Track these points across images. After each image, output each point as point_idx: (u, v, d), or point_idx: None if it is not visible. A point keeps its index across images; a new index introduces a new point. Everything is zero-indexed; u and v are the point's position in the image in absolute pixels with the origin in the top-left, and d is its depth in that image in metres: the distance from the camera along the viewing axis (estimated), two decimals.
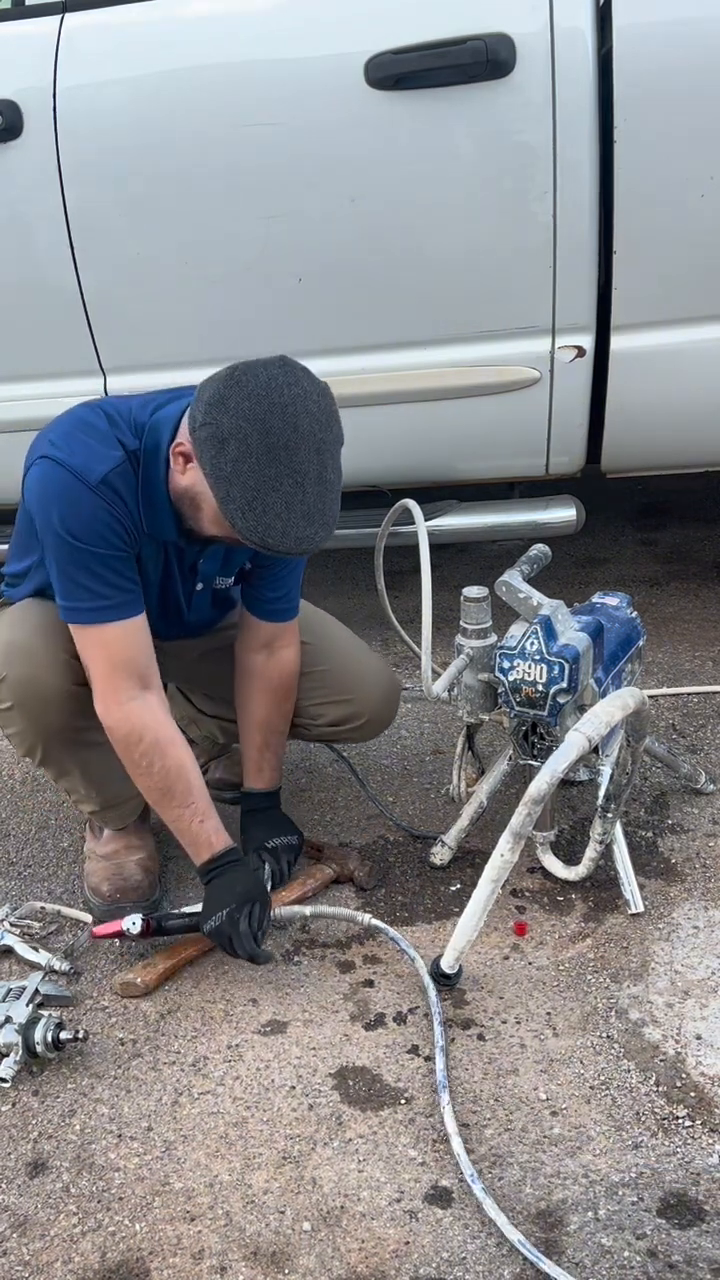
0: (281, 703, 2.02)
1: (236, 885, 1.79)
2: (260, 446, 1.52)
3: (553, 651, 1.77)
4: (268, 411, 1.52)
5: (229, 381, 1.55)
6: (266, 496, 1.53)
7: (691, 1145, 1.49)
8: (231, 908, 1.76)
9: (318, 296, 2.33)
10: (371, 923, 1.88)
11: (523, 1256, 1.36)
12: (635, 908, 1.89)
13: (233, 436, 1.52)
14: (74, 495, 1.67)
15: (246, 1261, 1.40)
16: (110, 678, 1.75)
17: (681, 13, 2.11)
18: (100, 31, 2.29)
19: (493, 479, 2.63)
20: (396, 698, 2.12)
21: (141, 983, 1.82)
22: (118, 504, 1.69)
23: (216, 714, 2.25)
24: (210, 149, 2.25)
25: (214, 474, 1.55)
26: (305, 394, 1.56)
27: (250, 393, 1.53)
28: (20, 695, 1.83)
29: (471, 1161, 1.48)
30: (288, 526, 1.55)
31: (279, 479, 1.53)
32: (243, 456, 1.52)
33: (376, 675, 2.09)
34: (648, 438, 2.47)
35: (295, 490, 1.54)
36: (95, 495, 1.67)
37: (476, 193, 2.22)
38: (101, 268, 2.36)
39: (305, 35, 2.21)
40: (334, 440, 1.60)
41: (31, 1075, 1.69)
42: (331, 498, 1.59)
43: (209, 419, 1.54)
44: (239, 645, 2.02)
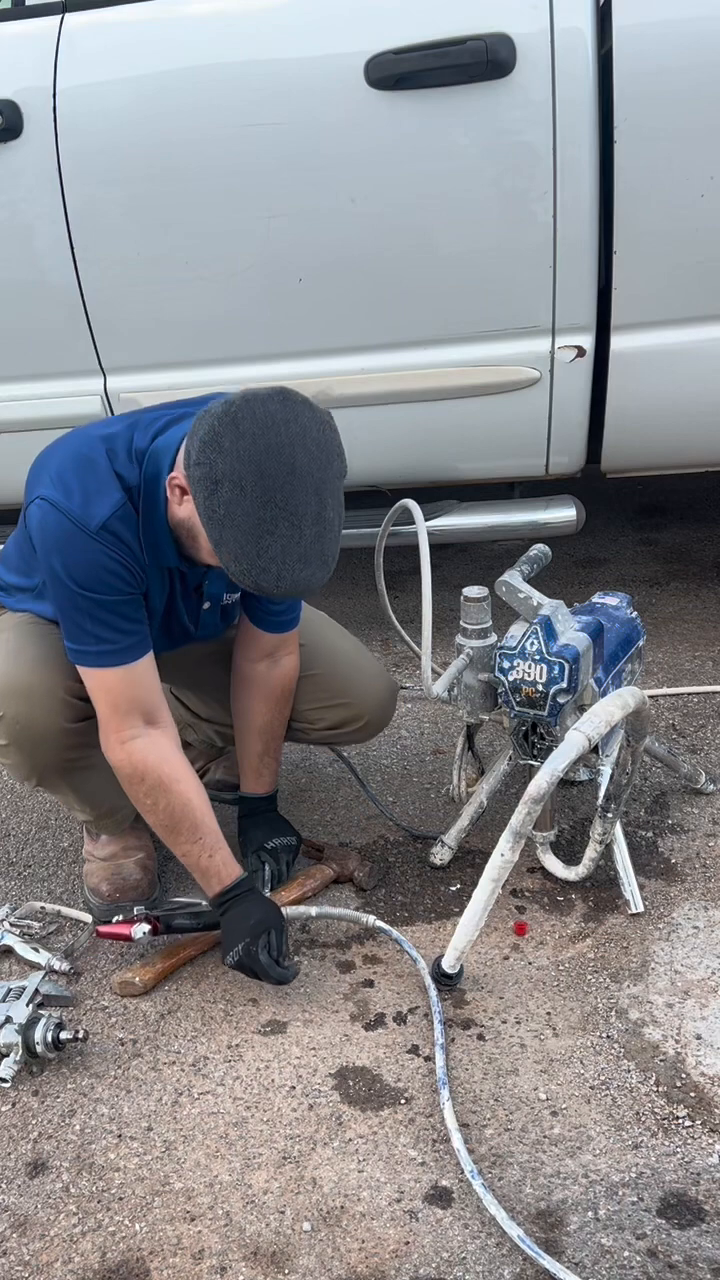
0: (282, 709, 2.02)
1: (250, 916, 1.77)
2: (255, 490, 1.47)
3: (553, 651, 1.77)
4: (263, 453, 1.48)
5: (224, 419, 1.49)
6: (261, 541, 1.48)
7: (691, 1145, 1.49)
8: (247, 941, 1.74)
9: (318, 296, 2.33)
10: (375, 924, 1.88)
11: (523, 1256, 1.36)
12: (635, 908, 1.89)
13: (226, 479, 1.47)
14: (76, 543, 1.64)
15: (246, 1261, 1.40)
16: (114, 718, 1.74)
17: (681, 13, 2.11)
18: (100, 31, 2.29)
19: (493, 479, 2.63)
20: (394, 699, 2.12)
21: (140, 982, 1.82)
22: (120, 548, 1.65)
23: (212, 718, 2.25)
24: (210, 149, 2.25)
25: (207, 516, 1.51)
26: (304, 431, 1.51)
27: (245, 432, 1.48)
28: (16, 734, 1.81)
29: (472, 1161, 1.48)
30: (283, 570, 1.51)
31: (275, 522, 1.48)
32: (236, 500, 1.47)
33: (374, 677, 2.08)
34: (648, 438, 2.47)
35: (292, 533, 1.49)
36: (97, 542, 1.63)
37: (477, 193, 2.22)
38: (101, 268, 2.36)
39: (305, 35, 2.21)
40: (334, 476, 1.55)
41: (31, 1075, 1.69)
42: (330, 537, 1.54)
43: (202, 459, 1.49)
44: (239, 655, 2.01)
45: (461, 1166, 1.47)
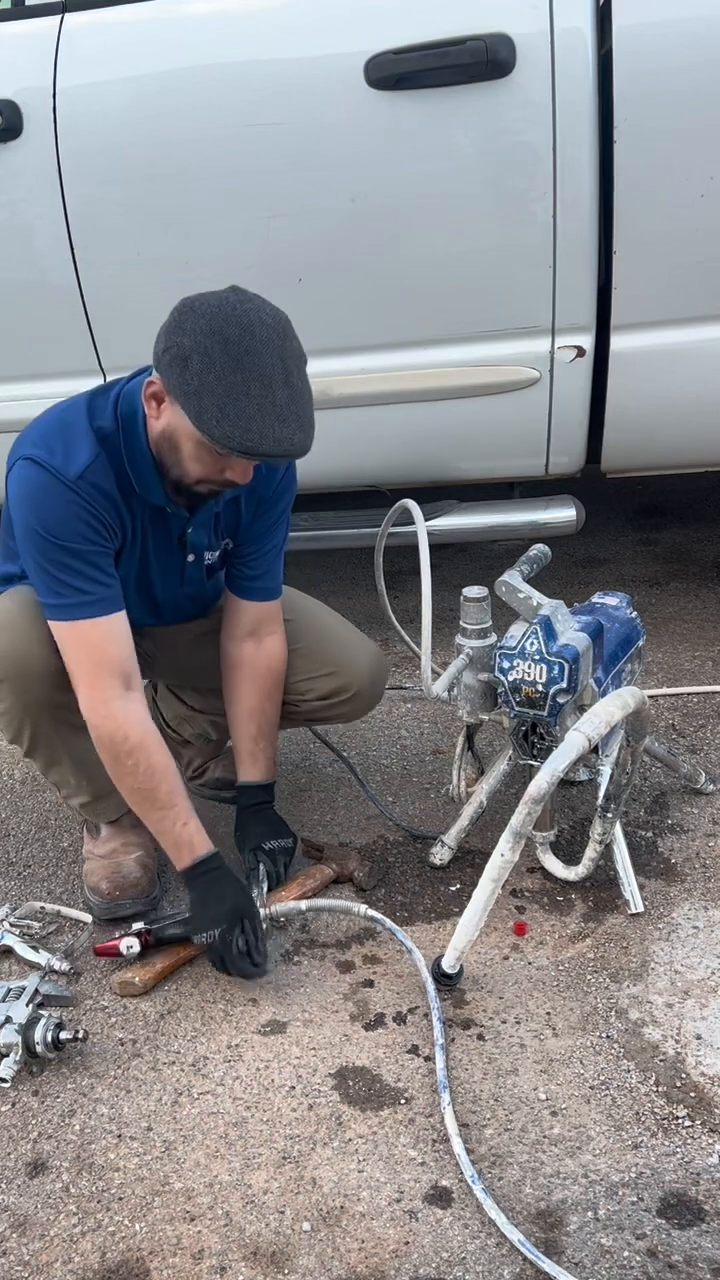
0: (272, 691, 2.02)
1: (225, 900, 1.79)
2: (222, 355, 1.54)
3: (553, 651, 1.77)
4: (223, 323, 1.55)
5: (181, 309, 1.60)
6: (238, 401, 1.54)
7: (691, 1145, 1.49)
8: (224, 928, 1.76)
9: (318, 296, 2.33)
10: (369, 913, 1.88)
11: (522, 1256, 1.36)
12: (635, 908, 1.89)
13: (194, 352, 1.55)
14: (53, 495, 1.69)
15: (246, 1261, 1.40)
16: (94, 676, 1.76)
17: (681, 13, 2.11)
18: (100, 31, 2.29)
19: (493, 479, 2.63)
20: (384, 672, 2.13)
21: (139, 981, 1.82)
22: (97, 498, 1.71)
23: (207, 709, 2.26)
24: (210, 149, 2.26)
25: (183, 393, 1.57)
26: (258, 308, 1.59)
27: (203, 312, 1.57)
28: (5, 669, 1.83)
29: (471, 1161, 1.48)
30: (265, 429, 1.56)
31: (247, 384, 1.54)
32: (207, 368, 1.54)
33: (362, 648, 2.09)
34: (648, 438, 2.47)
35: (265, 393, 1.55)
36: (73, 492, 1.69)
37: (477, 193, 2.22)
38: (101, 268, 2.36)
39: (305, 35, 2.21)
40: (295, 352, 1.60)
41: (31, 1075, 1.69)
42: (303, 403, 1.59)
43: (169, 344, 1.58)
44: (225, 637, 2.03)
45: (462, 1171, 1.47)
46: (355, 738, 2.51)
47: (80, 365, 2.45)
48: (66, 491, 1.69)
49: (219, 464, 1.66)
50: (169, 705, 2.34)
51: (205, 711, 2.27)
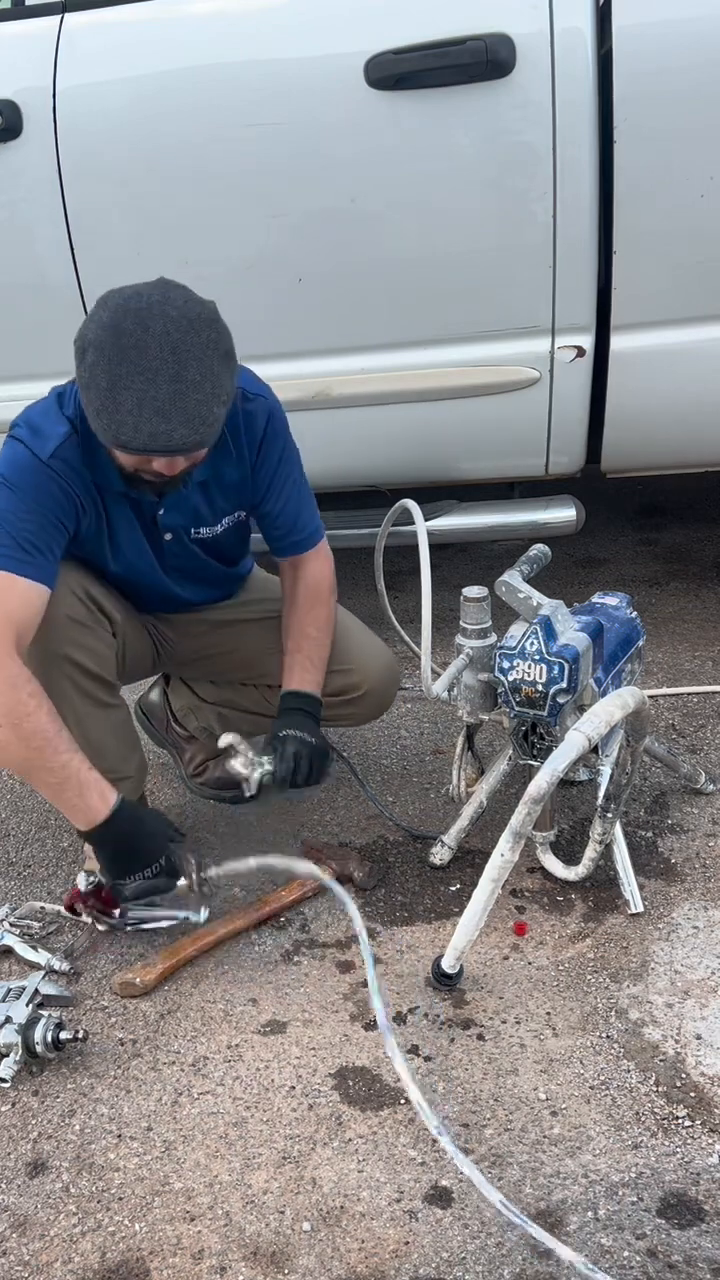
0: (312, 607, 1.99)
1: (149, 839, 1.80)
2: (112, 349, 1.56)
3: (553, 651, 1.77)
4: (123, 316, 1.57)
5: (99, 300, 1.63)
6: (118, 395, 1.56)
7: (691, 1145, 1.49)
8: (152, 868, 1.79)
9: (318, 296, 2.33)
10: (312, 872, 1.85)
11: (522, 1256, 1.36)
12: (635, 908, 1.89)
13: (91, 345, 1.58)
14: (25, 466, 1.75)
15: (246, 1261, 1.40)
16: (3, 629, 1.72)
17: (681, 13, 2.11)
18: (100, 31, 2.29)
19: (493, 479, 2.63)
20: (396, 675, 2.13)
21: (141, 982, 1.81)
22: (68, 474, 1.76)
23: (218, 700, 2.26)
24: (210, 149, 2.26)
25: (82, 385, 1.61)
26: (167, 300, 1.59)
27: (111, 305, 1.60)
28: None
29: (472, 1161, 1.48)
30: (139, 423, 1.57)
31: (129, 377, 1.55)
32: (97, 362, 1.57)
33: (375, 649, 2.11)
34: (648, 438, 2.47)
35: (146, 386, 1.55)
36: (46, 468, 1.74)
37: (476, 193, 2.22)
38: (101, 267, 2.36)
39: (305, 35, 2.22)
40: (199, 344, 1.58)
41: (31, 1075, 1.69)
42: (196, 398, 1.58)
43: (77, 336, 1.61)
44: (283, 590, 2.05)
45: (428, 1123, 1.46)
46: (355, 738, 2.51)
47: None
48: (41, 466, 1.74)
49: (139, 457, 1.66)
50: (179, 696, 2.34)
51: (215, 703, 2.28)
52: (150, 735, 2.41)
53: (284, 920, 1.96)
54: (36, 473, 1.74)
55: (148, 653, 2.12)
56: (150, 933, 1.92)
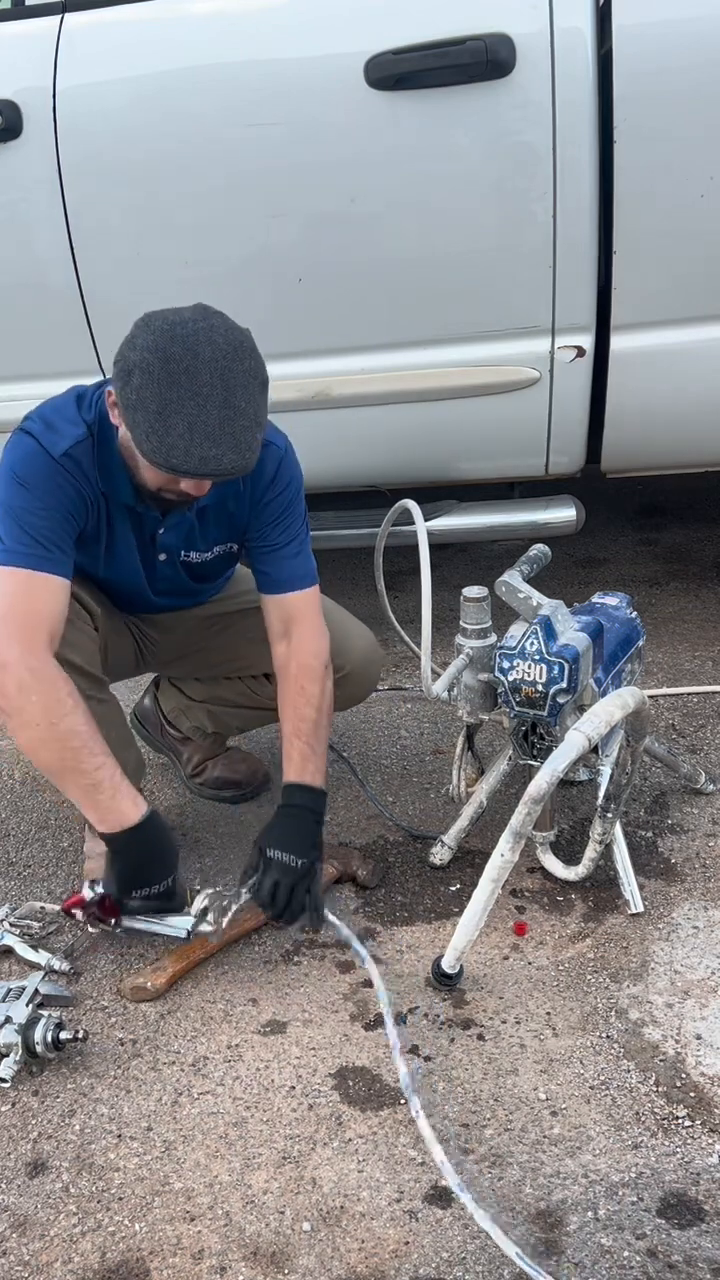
0: (304, 687, 1.93)
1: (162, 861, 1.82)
2: (161, 372, 1.57)
3: (553, 651, 1.77)
4: (169, 341, 1.58)
5: (139, 323, 1.63)
6: (169, 419, 1.57)
7: (691, 1145, 1.49)
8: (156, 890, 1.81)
9: (318, 296, 2.33)
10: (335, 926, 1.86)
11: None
12: (635, 908, 1.89)
13: (137, 367, 1.59)
14: (37, 461, 1.75)
15: (246, 1261, 1.40)
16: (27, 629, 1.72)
17: (681, 13, 2.11)
18: (100, 32, 2.29)
19: (493, 479, 2.63)
20: (378, 656, 2.15)
21: (151, 986, 1.81)
22: (78, 475, 1.76)
23: (207, 699, 2.26)
24: (210, 149, 2.26)
25: (124, 406, 1.62)
26: (212, 328, 1.61)
27: (155, 328, 1.60)
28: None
29: (472, 1161, 1.48)
30: (190, 446, 1.58)
31: (180, 401, 1.57)
32: (145, 384, 1.58)
33: (357, 631, 2.11)
34: (648, 438, 2.47)
35: (198, 411, 1.58)
36: (58, 465, 1.74)
37: (476, 193, 2.22)
38: (101, 268, 2.36)
39: (305, 35, 2.22)
40: (245, 372, 1.61)
41: (31, 1075, 1.69)
42: (242, 424, 1.61)
43: (119, 357, 1.62)
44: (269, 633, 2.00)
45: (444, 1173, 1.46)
46: (355, 738, 2.51)
47: (80, 365, 2.45)
48: (52, 463, 1.74)
49: (169, 476, 1.66)
50: (169, 698, 2.34)
51: (204, 701, 2.28)
52: (147, 741, 2.41)
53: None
54: (48, 468, 1.75)
55: (130, 651, 2.12)
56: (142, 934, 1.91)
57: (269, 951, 1.90)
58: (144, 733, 2.41)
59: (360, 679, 2.12)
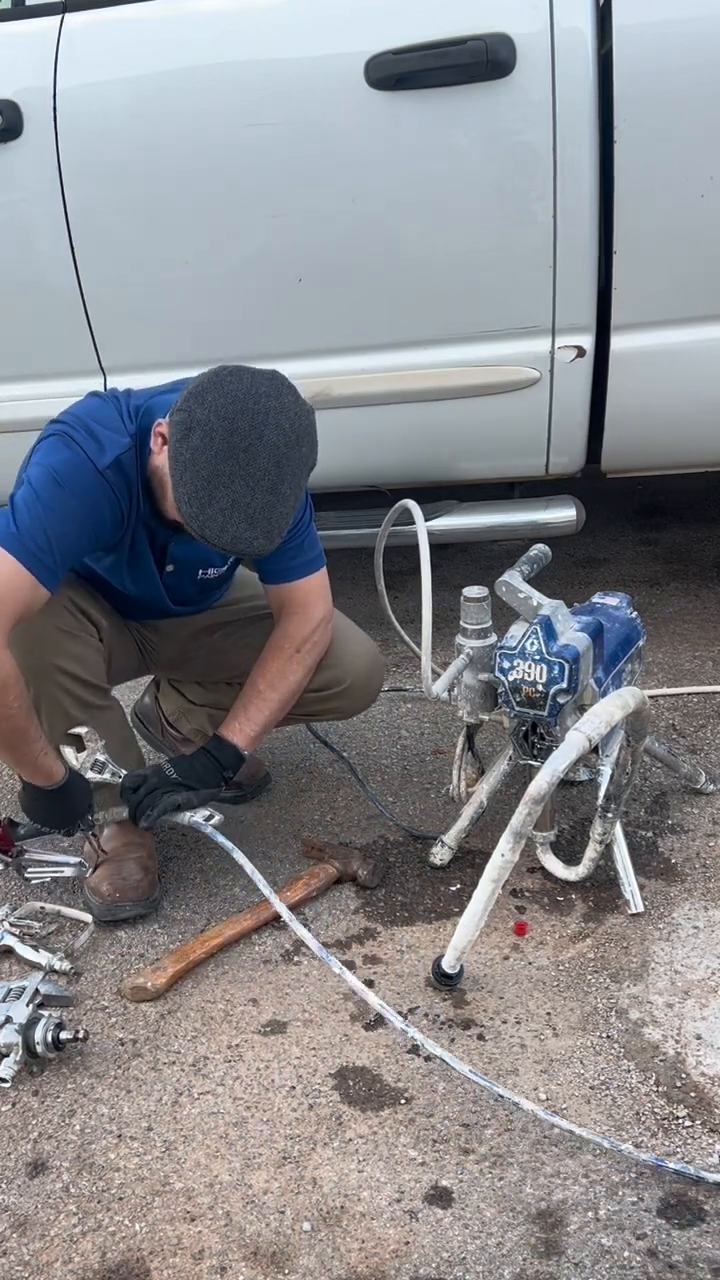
0: (271, 659, 1.95)
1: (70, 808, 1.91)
2: (222, 442, 1.59)
3: (553, 651, 1.77)
4: (238, 413, 1.60)
5: (214, 377, 1.64)
6: (215, 490, 1.59)
7: (691, 1145, 1.49)
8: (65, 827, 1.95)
9: (318, 296, 2.33)
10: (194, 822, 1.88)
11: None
12: (635, 908, 1.89)
13: (199, 426, 1.59)
14: (81, 470, 1.73)
15: (246, 1261, 1.40)
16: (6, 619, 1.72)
17: (681, 13, 2.11)
18: (101, 31, 2.29)
19: (493, 479, 2.63)
20: (380, 669, 2.14)
21: (152, 986, 1.81)
22: (120, 487, 1.75)
23: (207, 703, 2.27)
24: (211, 149, 2.26)
25: (175, 458, 1.62)
26: (282, 408, 1.63)
27: (228, 391, 1.61)
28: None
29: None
30: (227, 524, 1.61)
31: (231, 477, 1.59)
32: (203, 447, 1.59)
33: (360, 644, 2.10)
34: (648, 438, 2.47)
35: (245, 492, 1.60)
36: (101, 477, 1.73)
37: (477, 193, 2.22)
38: (101, 268, 2.36)
39: (305, 35, 2.22)
40: (299, 460, 1.65)
41: (31, 1075, 1.69)
42: (281, 510, 1.64)
43: (184, 405, 1.62)
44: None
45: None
46: (355, 738, 2.51)
47: (80, 365, 2.45)
48: (96, 476, 1.73)
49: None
50: (169, 700, 2.35)
51: (205, 705, 2.28)
52: (147, 739, 2.41)
53: (285, 920, 1.96)
54: (90, 480, 1.72)
55: (133, 656, 2.13)
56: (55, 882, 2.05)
57: (269, 951, 1.90)
58: (145, 732, 2.41)
59: (360, 692, 2.11)
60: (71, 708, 1.91)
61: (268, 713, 1.97)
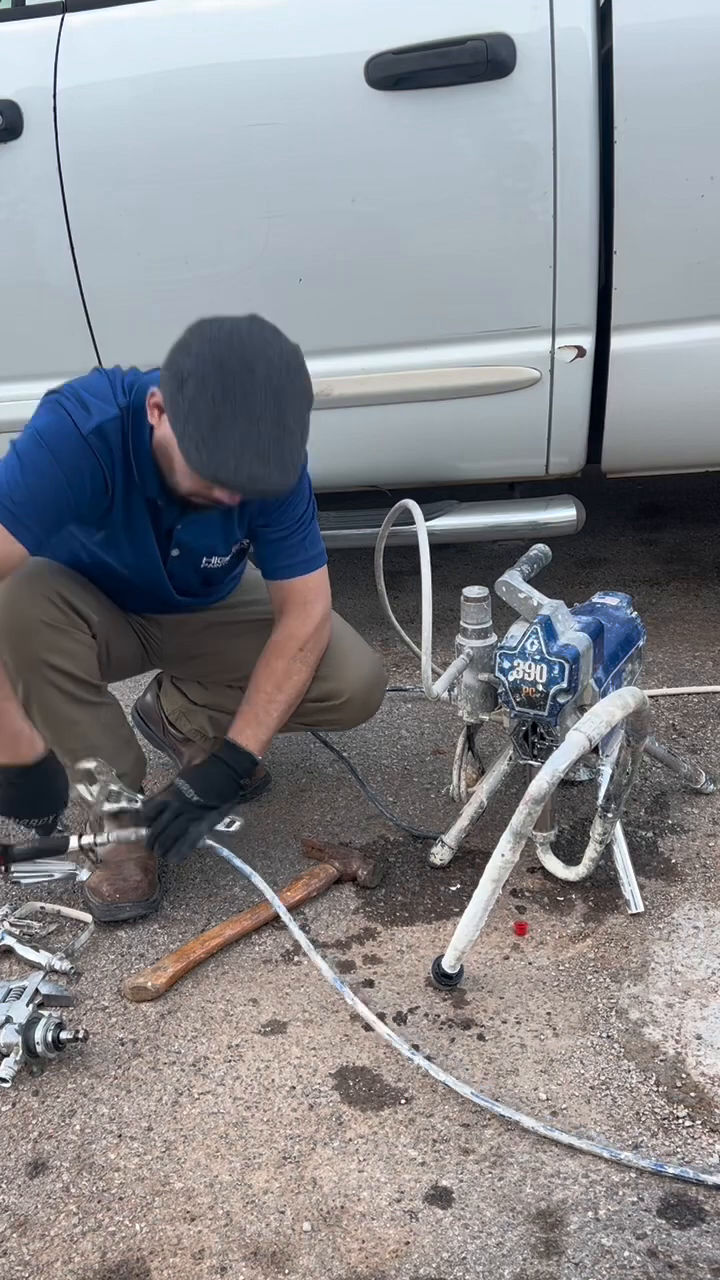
0: (274, 659, 1.96)
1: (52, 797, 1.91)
2: (216, 385, 1.58)
3: (553, 651, 1.77)
4: (225, 354, 1.59)
5: (194, 329, 1.64)
6: (220, 433, 1.58)
7: (691, 1145, 1.49)
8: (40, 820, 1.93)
9: (318, 296, 2.33)
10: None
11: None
12: (635, 908, 1.89)
13: (191, 376, 1.59)
14: (64, 434, 1.74)
15: (246, 1261, 1.40)
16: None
17: (681, 13, 2.11)
18: (101, 31, 2.29)
19: (493, 479, 2.63)
20: (380, 683, 2.12)
21: (152, 986, 1.81)
22: (103, 453, 1.76)
23: (209, 704, 2.26)
24: (210, 149, 2.26)
25: (173, 413, 1.62)
26: (266, 343, 1.63)
27: (211, 337, 1.61)
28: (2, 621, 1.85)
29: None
30: (240, 463, 1.59)
31: (234, 417, 1.58)
32: (199, 395, 1.58)
33: (361, 657, 2.08)
34: (648, 438, 2.47)
35: (250, 429, 1.59)
36: (84, 442, 1.74)
37: (477, 193, 2.22)
38: (101, 268, 2.36)
39: (305, 35, 2.22)
40: (296, 393, 1.64)
41: (31, 1075, 1.69)
42: (290, 444, 1.63)
43: (171, 362, 1.63)
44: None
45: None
46: (355, 738, 2.51)
47: (80, 365, 2.43)
48: (78, 439, 1.74)
49: (206, 484, 1.68)
50: (171, 699, 2.34)
51: (206, 706, 2.28)
52: (147, 737, 2.41)
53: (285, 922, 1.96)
54: (72, 442, 1.74)
55: (135, 650, 2.12)
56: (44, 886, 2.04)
57: (269, 951, 1.90)
58: (146, 730, 2.41)
59: (359, 706, 2.09)
60: (62, 704, 1.90)
61: (276, 715, 1.97)
